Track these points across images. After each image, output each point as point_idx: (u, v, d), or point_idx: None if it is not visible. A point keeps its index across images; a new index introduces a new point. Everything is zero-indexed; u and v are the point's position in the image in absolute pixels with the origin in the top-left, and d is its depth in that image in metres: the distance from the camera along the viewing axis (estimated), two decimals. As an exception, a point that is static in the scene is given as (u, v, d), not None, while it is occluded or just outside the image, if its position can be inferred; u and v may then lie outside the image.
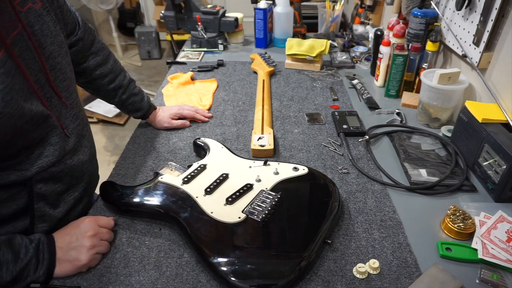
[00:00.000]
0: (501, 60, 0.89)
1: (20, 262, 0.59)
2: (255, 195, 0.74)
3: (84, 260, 0.63)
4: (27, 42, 0.62)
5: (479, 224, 0.70)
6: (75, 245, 0.64)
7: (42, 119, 0.64)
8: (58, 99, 0.69)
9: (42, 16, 0.66)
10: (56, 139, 0.67)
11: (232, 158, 0.85)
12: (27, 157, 0.64)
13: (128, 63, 3.91)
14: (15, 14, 0.59)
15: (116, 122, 2.84)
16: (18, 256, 0.59)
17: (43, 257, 0.62)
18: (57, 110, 0.69)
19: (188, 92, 1.26)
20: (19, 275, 0.59)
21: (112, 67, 0.94)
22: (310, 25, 1.85)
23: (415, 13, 1.15)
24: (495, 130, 0.79)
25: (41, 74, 0.65)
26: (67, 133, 0.71)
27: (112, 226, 0.72)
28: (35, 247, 0.62)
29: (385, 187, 0.83)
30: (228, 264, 0.61)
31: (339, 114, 1.09)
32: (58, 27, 0.71)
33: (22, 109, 0.58)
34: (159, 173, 0.80)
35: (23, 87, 0.59)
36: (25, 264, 0.59)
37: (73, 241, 0.65)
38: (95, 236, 0.66)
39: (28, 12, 0.63)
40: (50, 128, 0.66)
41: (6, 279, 0.57)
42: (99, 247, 0.66)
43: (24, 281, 0.59)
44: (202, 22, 1.58)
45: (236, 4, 3.60)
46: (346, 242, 0.69)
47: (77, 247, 0.64)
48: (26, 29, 0.61)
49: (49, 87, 0.67)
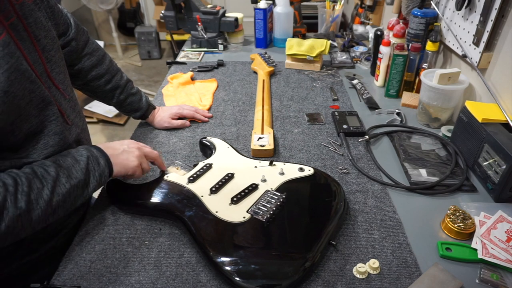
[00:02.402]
0: (501, 60, 0.89)
1: (81, 161, 0.66)
2: (260, 195, 0.74)
3: (133, 162, 0.73)
4: (24, 32, 0.63)
5: (479, 224, 0.70)
6: (125, 149, 0.74)
7: (44, 105, 0.65)
8: (56, 89, 0.70)
9: (34, 10, 0.67)
10: (60, 128, 0.68)
11: (238, 158, 0.85)
12: (32, 146, 0.65)
13: (128, 63, 3.91)
14: (10, 5, 0.60)
15: (116, 122, 2.84)
16: (75, 158, 0.66)
17: (96, 153, 0.69)
18: (58, 99, 0.70)
19: (188, 92, 1.26)
20: (87, 171, 0.66)
21: (108, 67, 0.94)
22: (310, 25, 1.85)
23: (415, 13, 1.15)
24: (495, 130, 0.79)
25: (38, 64, 0.65)
26: (68, 121, 0.72)
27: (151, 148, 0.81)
28: (84, 148, 0.69)
29: (385, 187, 0.83)
30: (232, 264, 0.61)
31: (339, 114, 1.09)
32: (50, 23, 0.72)
33: (26, 89, 0.60)
34: (165, 171, 0.81)
35: (28, 69, 0.60)
36: (86, 161, 0.66)
37: (120, 148, 0.74)
38: (139, 149, 0.76)
39: (22, 5, 0.64)
40: (54, 116, 0.67)
41: (81, 177, 0.65)
42: (143, 158, 0.76)
43: (94, 177, 0.67)
44: (202, 22, 1.58)
45: (236, 4, 3.60)
46: (346, 242, 0.69)
47: (127, 151, 0.74)
48: (21, 19, 0.62)
49: (47, 77, 0.68)
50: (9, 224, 0.55)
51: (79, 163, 0.65)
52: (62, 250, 0.69)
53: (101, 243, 0.70)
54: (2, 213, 0.54)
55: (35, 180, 0.59)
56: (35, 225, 0.59)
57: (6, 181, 0.56)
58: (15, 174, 0.58)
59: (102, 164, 0.68)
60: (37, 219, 0.58)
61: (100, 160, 0.68)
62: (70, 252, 0.68)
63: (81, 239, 0.71)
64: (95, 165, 0.67)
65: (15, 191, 0.56)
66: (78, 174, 0.64)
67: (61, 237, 0.76)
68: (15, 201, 0.55)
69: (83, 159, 0.66)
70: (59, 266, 0.66)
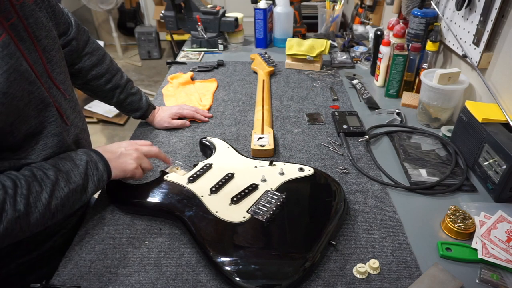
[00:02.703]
0: (501, 60, 0.89)
1: (80, 166, 0.66)
2: (260, 195, 0.74)
3: (131, 165, 0.73)
4: (24, 32, 0.63)
5: (479, 224, 0.70)
6: (122, 151, 0.74)
7: (43, 106, 0.65)
8: (57, 89, 0.70)
9: (35, 10, 0.67)
10: (59, 129, 0.68)
11: (237, 158, 0.85)
12: (31, 147, 0.64)
13: (128, 63, 3.91)
14: (10, 5, 0.60)
15: (116, 122, 2.84)
16: (74, 163, 0.66)
17: (96, 158, 0.69)
18: (57, 100, 0.69)
19: (188, 92, 1.26)
20: (86, 176, 0.66)
21: (108, 67, 0.94)
22: (310, 25, 1.85)
23: (415, 13, 1.15)
24: (495, 130, 0.79)
25: (39, 64, 0.65)
26: (67, 122, 0.72)
27: (150, 144, 0.81)
28: (83, 153, 0.69)
29: (385, 187, 0.83)
30: (232, 264, 0.61)
31: (339, 114, 1.09)
32: (51, 23, 0.72)
33: (25, 91, 0.60)
34: (165, 171, 0.81)
35: (28, 70, 0.60)
36: (85, 166, 0.66)
37: (118, 151, 0.73)
38: (137, 150, 0.75)
39: (23, 5, 0.64)
40: (53, 117, 0.67)
41: (80, 181, 0.65)
42: (143, 159, 0.75)
43: (92, 181, 0.67)
44: (202, 22, 1.58)
45: (236, 4, 3.60)
46: (346, 242, 0.69)
47: (124, 154, 0.73)
48: (22, 20, 0.62)
49: (47, 77, 0.68)
50: (8, 227, 0.55)
51: (78, 168, 0.66)
52: (60, 250, 0.69)
53: (101, 243, 0.70)
54: (1, 216, 0.54)
55: (34, 183, 0.59)
56: (33, 228, 0.59)
57: (6, 184, 0.56)
58: (15, 177, 0.58)
59: (101, 169, 0.69)
60: (36, 222, 0.59)
61: (99, 165, 0.69)
62: (70, 252, 0.68)
63: (81, 239, 0.71)
64: (93, 170, 0.68)
65: (14, 194, 0.56)
66: (77, 179, 0.65)
67: (59, 237, 0.76)
68: (14, 203, 0.55)
69: (82, 163, 0.67)
70: (59, 266, 0.65)
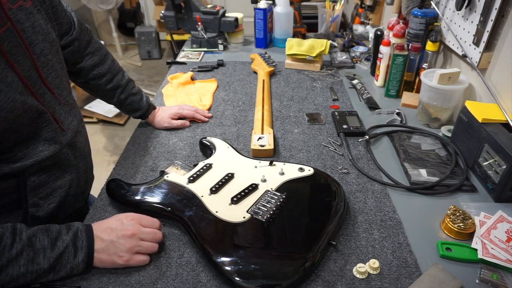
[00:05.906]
0: (501, 60, 0.89)
1: (57, 249, 0.59)
2: (260, 195, 0.74)
3: (122, 258, 0.63)
4: (17, 38, 0.62)
5: (479, 224, 0.70)
6: (115, 240, 0.63)
7: (37, 114, 0.64)
8: (51, 94, 0.70)
9: (33, 13, 0.67)
10: (52, 134, 0.68)
11: (238, 158, 0.85)
12: (21, 152, 0.64)
13: (128, 63, 3.91)
14: (3, 11, 0.60)
15: (116, 122, 2.84)
16: (54, 242, 0.59)
17: (81, 244, 0.61)
18: (51, 106, 0.69)
19: (188, 92, 1.26)
20: (57, 261, 0.58)
21: (109, 67, 0.94)
22: (310, 25, 1.85)
23: (415, 13, 1.15)
24: (495, 130, 0.79)
25: (32, 70, 0.65)
26: (63, 127, 0.71)
27: (157, 226, 0.68)
28: (72, 234, 0.61)
29: (385, 187, 0.83)
30: (232, 264, 0.61)
31: (339, 114, 1.09)
32: (50, 25, 0.72)
33: (14, 102, 0.59)
34: (165, 171, 0.81)
35: (15, 80, 0.60)
36: (62, 250, 0.59)
37: (113, 236, 0.63)
38: (134, 236, 0.64)
39: (19, 9, 0.63)
40: (46, 123, 0.67)
41: (44, 266, 0.57)
42: (139, 247, 0.64)
43: (64, 268, 0.59)
44: (202, 22, 1.58)
45: (236, 4, 3.60)
46: (346, 242, 0.69)
47: (116, 243, 0.63)
48: (15, 26, 0.62)
49: (41, 83, 0.67)
50: None
51: (53, 250, 0.59)
52: None
53: (101, 243, 0.70)
54: None
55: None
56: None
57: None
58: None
59: (79, 259, 0.61)
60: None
61: (78, 254, 0.61)
62: (70, 252, 0.68)
63: (81, 239, 0.71)
64: (70, 258, 0.60)
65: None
66: (43, 262, 0.58)
67: None
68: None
69: (61, 247, 0.59)
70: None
